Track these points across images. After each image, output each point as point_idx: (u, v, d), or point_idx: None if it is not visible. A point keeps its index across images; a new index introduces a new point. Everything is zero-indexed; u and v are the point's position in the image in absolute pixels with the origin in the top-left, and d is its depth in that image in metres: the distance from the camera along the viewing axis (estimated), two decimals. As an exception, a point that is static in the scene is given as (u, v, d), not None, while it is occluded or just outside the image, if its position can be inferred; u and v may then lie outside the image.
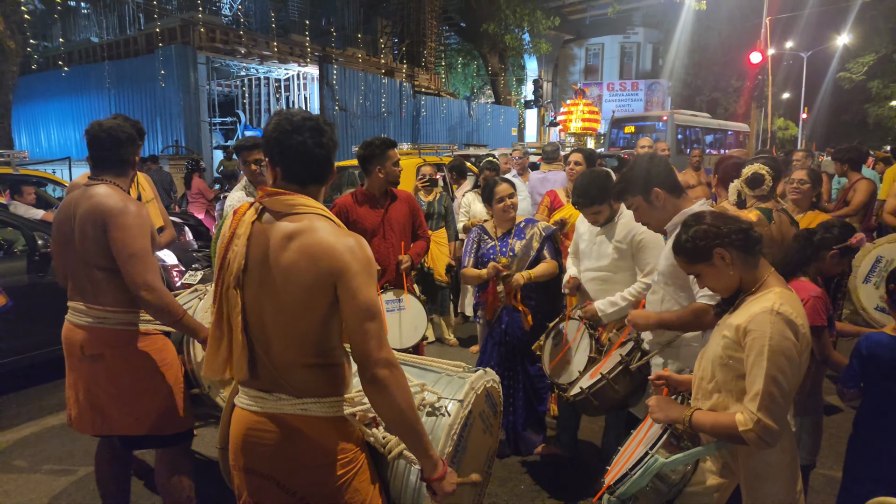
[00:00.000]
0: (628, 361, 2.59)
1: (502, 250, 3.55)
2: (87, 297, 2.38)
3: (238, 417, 1.70)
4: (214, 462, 3.55)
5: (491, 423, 2.10)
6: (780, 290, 1.83)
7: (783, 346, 1.72)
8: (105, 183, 2.41)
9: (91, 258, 2.33)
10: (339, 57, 18.59)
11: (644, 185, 2.48)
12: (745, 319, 1.79)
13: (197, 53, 14.76)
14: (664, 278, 2.52)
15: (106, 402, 2.39)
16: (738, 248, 1.86)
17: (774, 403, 1.71)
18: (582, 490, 3.26)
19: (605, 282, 3.19)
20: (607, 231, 3.19)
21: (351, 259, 1.54)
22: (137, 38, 16.10)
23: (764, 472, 1.89)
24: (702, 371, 1.98)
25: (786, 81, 35.20)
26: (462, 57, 30.61)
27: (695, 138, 19.06)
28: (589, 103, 22.33)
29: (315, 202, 1.64)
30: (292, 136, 1.61)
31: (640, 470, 1.88)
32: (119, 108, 15.72)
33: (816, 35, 30.86)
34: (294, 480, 1.62)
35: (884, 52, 31.68)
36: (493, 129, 24.90)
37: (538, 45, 26.46)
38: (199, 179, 10.43)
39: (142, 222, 2.33)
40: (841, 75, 34.56)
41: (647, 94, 33.84)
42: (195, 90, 14.77)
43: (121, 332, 2.39)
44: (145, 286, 2.25)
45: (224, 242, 1.64)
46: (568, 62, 36.99)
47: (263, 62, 17.03)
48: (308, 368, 1.62)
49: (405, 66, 21.85)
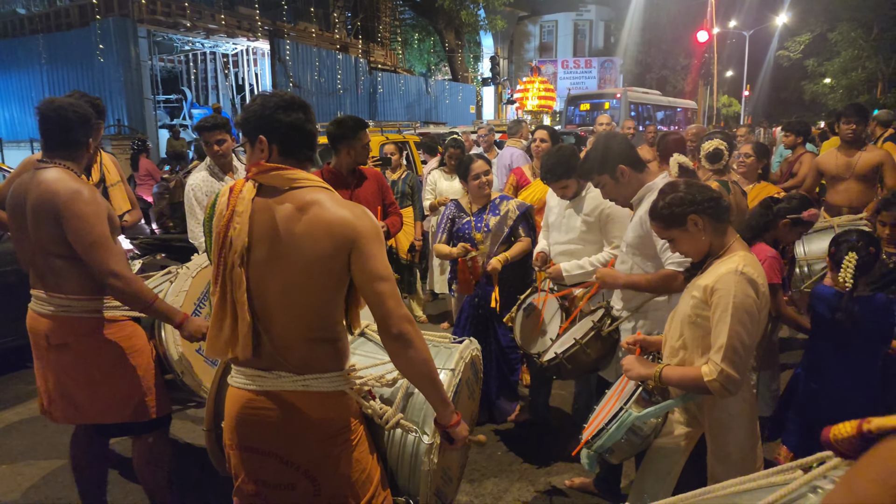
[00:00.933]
0: (600, 326, 2.73)
1: (477, 226, 3.63)
2: (48, 286, 2.29)
3: (234, 397, 1.71)
4: (194, 446, 3.55)
5: (474, 389, 2.22)
6: (744, 254, 1.98)
7: (746, 304, 1.87)
8: (56, 166, 2.28)
9: (48, 247, 2.24)
10: (290, 31, 18.07)
11: (609, 162, 2.60)
12: (713, 280, 1.93)
13: (137, 26, 14.02)
14: (631, 249, 2.65)
15: (76, 392, 2.34)
16: (710, 215, 1.99)
17: (737, 355, 1.86)
18: (556, 453, 3.42)
19: (572, 255, 3.30)
20: (576, 205, 3.30)
21: (362, 227, 1.59)
22: (70, 10, 15.07)
23: (727, 421, 2.06)
24: (672, 330, 2.13)
25: (729, 59, 36.36)
26: (418, 33, 30.23)
27: (647, 115, 19.54)
28: (545, 81, 22.56)
29: (314, 176, 1.67)
30: (289, 113, 1.64)
31: (616, 424, 2.03)
32: (53, 85, 14.85)
33: (758, 15, 31.92)
34: (296, 455, 1.65)
35: (818, 32, 33.01)
36: (451, 107, 24.82)
37: (494, 22, 26.37)
38: (146, 160, 10.06)
39: (97, 208, 2.21)
40: (780, 53, 35.91)
41: (600, 72, 34.31)
42: (136, 66, 14.07)
43: (86, 320, 2.31)
44: (112, 274, 2.17)
45: (223, 221, 1.63)
46: (523, 39, 37.04)
47: (210, 36, 16.37)
48: (310, 343, 1.65)
49: (360, 42, 21.44)
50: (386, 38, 23.41)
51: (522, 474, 3.27)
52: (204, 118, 3.83)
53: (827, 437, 0.69)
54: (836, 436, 0.69)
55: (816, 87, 35.07)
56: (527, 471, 3.31)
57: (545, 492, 3.13)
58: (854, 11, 30.34)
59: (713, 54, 28.41)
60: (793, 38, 34.78)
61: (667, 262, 2.46)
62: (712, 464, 2.10)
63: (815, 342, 2.71)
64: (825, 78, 34.48)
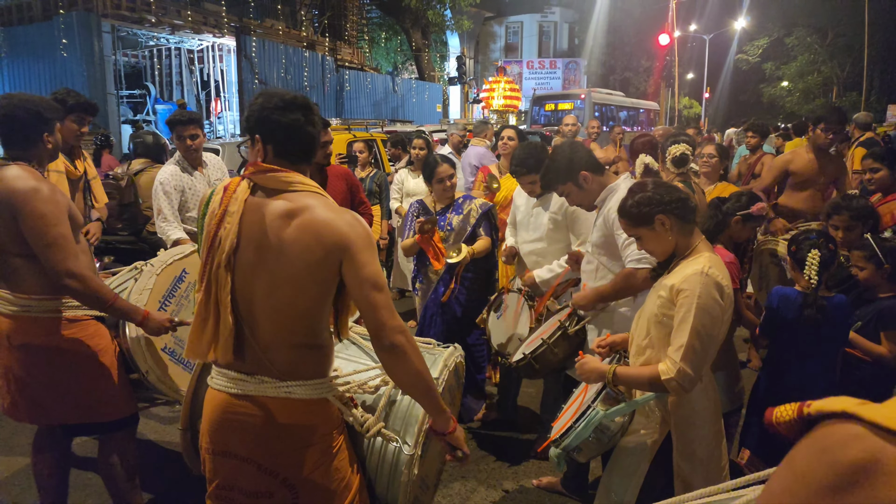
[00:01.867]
0: (566, 326, 2.80)
1: (440, 225, 3.69)
2: (10, 285, 2.25)
3: (214, 399, 1.67)
4: (159, 445, 3.51)
5: (455, 396, 2.23)
6: (710, 255, 2.03)
7: (709, 305, 1.91)
8: (16, 164, 2.25)
9: (6, 245, 2.20)
10: (257, 28, 17.81)
11: (572, 171, 2.67)
12: (679, 280, 1.97)
13: (101, 21, 13.70)
14: (597, 249, 2.72)
15: (39, 392, 2.31)
16: (677, 215, 2.04)
17: (696, 355, 1.91)
18: (524, 453, 3.48)
19: (540, 254, 3.38)
20: (543, 203, 3.37)
21: (354, 234, 1.56)
22: (31, 4, 14.69)
23: (692, 418, 2.12)
24: (638, 329, 2.17)
25: (689, 62, 37.23)
26: (385, 32, 30.11)
27: (610, 116, 19.85)
28: (510, 81, 22.73)
29: (309, 180, 1.64)
30: (286, 114, 1.61)
31: (583, 422, 2.06)
32: (14, 79, 14.42)
33: (717, 19, 32.78)
34: (275, 462, 1.63)
35: (776, 36, 34.11)
36: (418, 105, 24.77)
37: (460, 22, 26.46)
38: (109, 156, 9.78)
39: (55, 207, 2.17)
40: (739, 57, 36.97)
41: (564, 73, 34.76)
42: (100, 61, 13.72)
43: (47, 319, 2.28)
44: (68, 274, 2.13)
45: (215, 220, 1.61)
46: (489, 39, 37.26)
47: (175, 32, 16.03)
48: (295, 349, 1.63)
49: (327, 40, 21.25)
50: (353, 36, 23.24)
51: (490, 474, 3.31)
52: (178, 112, 3.81)
53: (769, 418, 0.75)
54: (777, 418, 0.75)
55: (774, 90, 36.22)
56: (494, 471, 3.35)
57: (513, 491, 3.17)
58: (810, 17, 31.46)
59: (675, 57, 29.07)
60: (751, 43, 35.88)
61: (626, 260, 2.52)
62: (678, 461, 2.13)
63: (775, 344, 2.77)
64: (782, 81, 35.66)
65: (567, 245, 3.31)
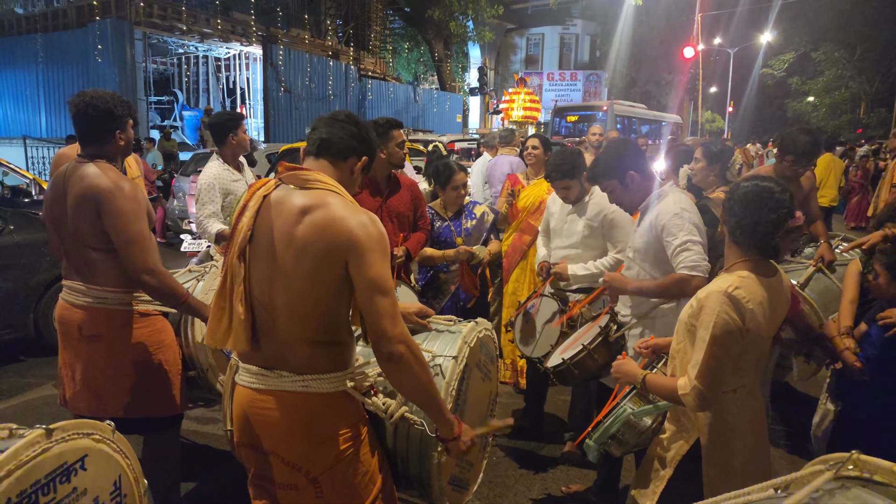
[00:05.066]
0: (607, 332, 2.75)
1: (457, 230, 3.72)
2: (84, 277, 2.31)
3: (240, 395, 1.71)
4: (201, 446, 3.55)
5: (489, 370, 2.15)
6: (745, 274, 1.98)
7: (727, 325, 1.88)
8: (95, 162, 2.31)
9: (86, 240, 2.26)
10: (283, 38, 18.12)
11: (620, 168, 2.63)
12: (705, 294, 1.96)
13: (134, 28, 14.09)
14: (639, 255, 2.66)
15: (103, 384, 2.34)
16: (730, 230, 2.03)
17: (710, 373, 1.89)
18: (552, 459, 3.45)
19: (573, 260, 3.34)
20: (578, 209, 3.36)
21: (363, 235, 1.55)
22: (67, 11, 15.21)
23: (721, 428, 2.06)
24: (676, 333, 2.14)
25: (713, 76, 36.96)
26: (407, 42, 30.42)
27: (633, 128, 19.77)
28: (530, 92, 22.74)
29: (329, 178, 1.66)
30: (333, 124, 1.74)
31: (612, 418, 2.09)
32: (49, 83, 14.94)
33: (743, 33, 32.52)
34: (297, 457, 1.64)
35: (802, 51, 33.75)
36: (438, 115, 24.99)
37: (482, 33, 26.62)
38: (140, 160, 10.03)
39: (136, 205, 2.25)
40: (764, 71, 36.62)
41: (585, 85, 34.72)
42: (131, 67, 14.13)
43: (120, 312, 2.33)
44: (147, 271, 2.20)
45: (236, 214, 1.68)
46: (510, 51, 37.41)
47: (204, 40, 16.42)
48: (313, 345, 1.63)
49: (351, 50, 21.54)
50: (376, 46, 23.53)
51: (518, 480, 3.29)
52: (230, 112, 3.94)
53: None
54: None
55: (800, 105, 35.79)
56: (522, 476, 3.32)
57: (541, 498, 3.14)
58: (837, 32, 31.07)
59: (699, 70, 28.90)
60: (777, 57, 35.55)
61: (678, 266, 2.46)
62: (706, 468, 2.10)
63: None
64: (808, 96, 35.21)
65: (602, 252, 3.28)
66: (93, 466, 1.40)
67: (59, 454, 1.30)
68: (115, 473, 1.49)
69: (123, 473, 1.52)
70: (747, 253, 2.02)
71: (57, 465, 1.30)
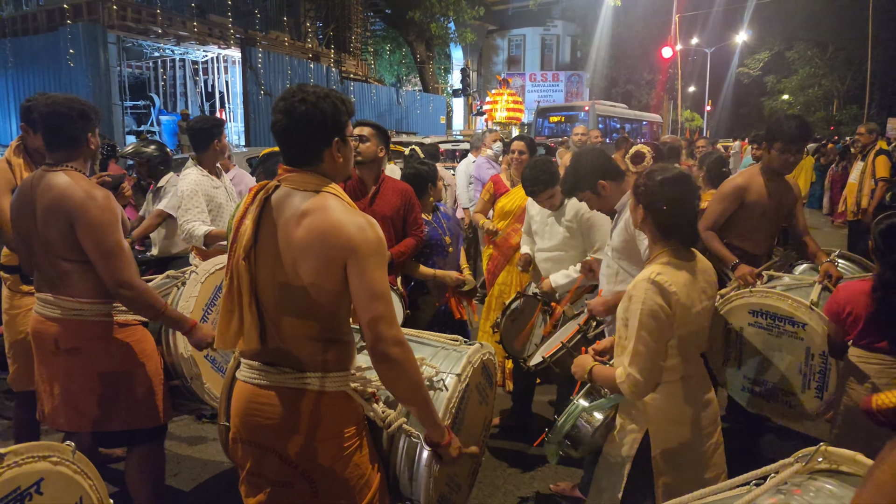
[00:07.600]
0: (585, 330, 2.80)
1: (441, 229, 3.65)
2: (56, 289, 2.23)
3: (240, 390, 1.73)
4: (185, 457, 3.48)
5: (486, 394, 2.16)
6: (666, 260, 2.03)
7: (653, 311, 1.93)
8: (64, 170, 2.22)
9: (58, 251, 2.19)
10: (262, 40, 17.98)
11: (587, 180, 2.70)
12: (633, 285, 2.02)
13: (107, 32, 13.85)
14: (617, 254, 2.71)
15: (82, 397, 2.26)
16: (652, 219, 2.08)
17: (642, 360, 1.93)
18: (539, 459, 3.44)
19: (557, 261, 3.37)
20: (556, 213, 3.38)
21: (361, 239, 1.57)
22: (37, 15, 14.91)
23: (660, 418, 2.08)
24: (617, 329, 2.19)
25: (691, 76, 37.48)
26: (389, 44, 30.38)
27: (613, 128, 19.95)
28: (513, 93, 22.78)
29: (328, 181, 1.66)
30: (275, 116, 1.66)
31: (565, 416, 2.12)
32: (21, 88, 14.61)
33: (719, 33, 33.05)
34: (294, 453, 1.65)
35: (777, 50, 34.37)
36: (422, 117, 24.99)
37: (463, 35, 26.66)
38: (115, 166, 9.85)
39: (111, 215, 2.17)
40: (740, 70, 37.24)
41: (567, 85, 35.00)
42: (105, 71, 13.90)
43: (98, 323, 2.26)
44: (123, 284, 2.14)
45: (239, 216, 1.67)
46: (492, 52, 37.54)
47: (180, 43, 16.21)
48: (315, 343, 1.65)
49: (332, 52, 21.45)
50: (357, 48, 23.47)
51: (506, 479, 3.28)
52: (211, 117, 3.85)
53: (869, 405, 0.72)
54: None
55: (775, 103, 36.42)
56: (511, 476, 3.32)
57: (529, 497, 3.14)
58: (810, 31, 31.70)
59: (677, 70, 29.26)
60: (752, 56, 36.16)
61: None
62: (654, 458, 2.11)
63: None
64: (783, 94, 35.87)
65: (584, 251, 3.30)
66: (50, 489, 1.36)
67: (10, 479, 1.26)
68: (75, 495, 1.45)
69: (85, 495, 1.48)
70: (667, 242, 2.07)
71: (9, 490, 1.26)
